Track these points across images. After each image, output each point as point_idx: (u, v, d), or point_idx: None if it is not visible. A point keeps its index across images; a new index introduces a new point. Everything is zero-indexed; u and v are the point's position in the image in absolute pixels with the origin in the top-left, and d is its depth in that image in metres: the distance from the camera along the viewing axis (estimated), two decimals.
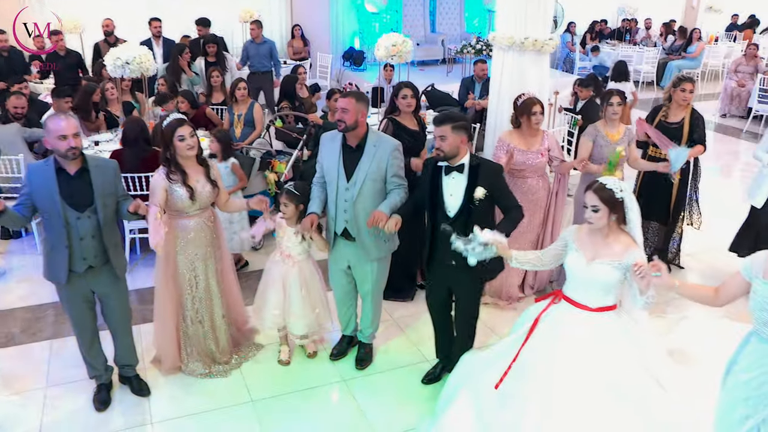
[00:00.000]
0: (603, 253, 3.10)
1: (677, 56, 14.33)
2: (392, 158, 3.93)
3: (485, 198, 3.63)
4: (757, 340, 2.74)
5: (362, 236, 4.00)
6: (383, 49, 7.14)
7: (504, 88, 6.38)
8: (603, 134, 5.10)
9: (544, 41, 6.17)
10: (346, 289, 4.30)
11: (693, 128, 5.40)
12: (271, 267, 4.29)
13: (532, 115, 4.83)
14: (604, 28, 15.45)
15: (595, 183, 3.10)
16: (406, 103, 5.13)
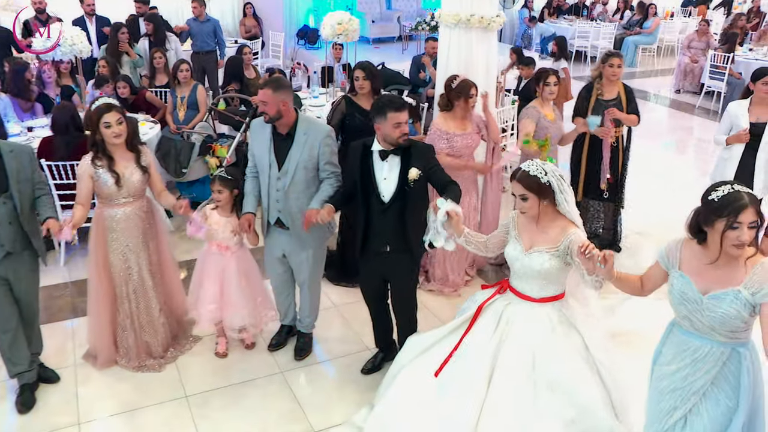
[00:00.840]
0: (540, 240, 3.03)
1: (633, 32, 14.36)
2: (324, 145, 3.81)
3: (419, 179, 3.54)
4: (678, 331, 2.69)
5: (296, 225, 3.89)
6: (329, 28, 6.96)
7: (451, 66, 6.24)
8: (543, 114, 5.09)
9: (491, 18, 6.03)
10: (283, 278, 4.19)
11: (629, 101, 5.45)
12: (206, 260, 4.14)
13: (470, 98, 4.73)
14: (563, 4, 15.41)
15: (518, 171, 3.01)
16: (359, 85, 5.04)
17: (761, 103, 5.01)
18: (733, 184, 2.46)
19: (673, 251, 2.67)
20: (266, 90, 3.67)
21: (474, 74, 6.20)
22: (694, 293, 2.55)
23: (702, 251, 2.57)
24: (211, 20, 9.32)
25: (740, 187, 2.44)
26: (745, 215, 2.38)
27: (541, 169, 2.96)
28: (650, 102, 11.78)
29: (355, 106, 4.99)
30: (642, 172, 7.99)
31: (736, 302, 2.46)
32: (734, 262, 2.49)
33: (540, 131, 5.03)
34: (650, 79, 13.56)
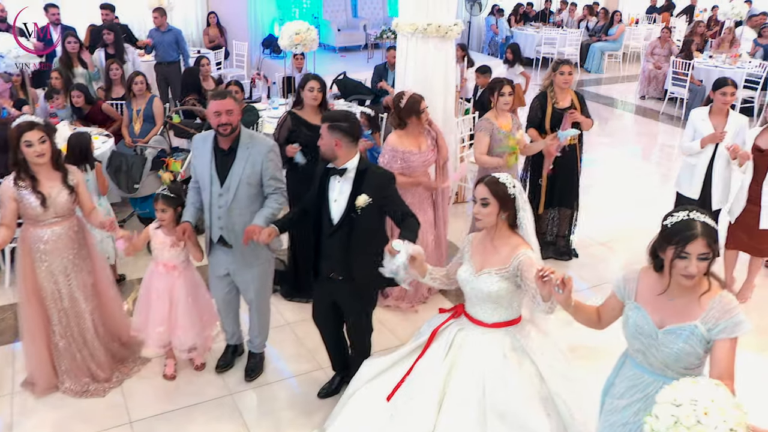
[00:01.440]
0: (491, 261, 2.92)
1: (599, 38, 14.47)
2: (267, 160, 3.69)
3: (370, 207, 3.39)
4: (631, 363, 2.57)
5: (240, 243, 3.75)
6: (286, 38, 6.85)
7: (409, 76, 6.19)
8: (497, 126, 4.99)
9: (449, 27, 5.98)
10: (227, 297, 4.06)
11: (582, 107, 5.43)
12: (152, 280, 3.99)
13: (422, 113, 4.59)
14: (530, 11, 15.48)
15: (487, 176, 2.92)
16: (313, 96, 4.89)
17: (719, 113, 5.02)
18: (692, 210, 2.31)
19: (630, 281, 2.55)
20: (230, 99, 3.57)
21: (432, 83, 6.16)
22: (650, 326, 2.42)
23: (658, 281, 2.44)
24: (172, 30, 9.15)
25: (698, 215, 2.29)
26: (693, 246, 2.24)
27: (511, 181, 2.88)
28: (617, 108, 11.86)
29: (301, 121, 4.82)
30: (607, 179, 8.01)
31: (692, 338, 2.34)
32: (690, 295, 2.36)
33: (494, 143, 4.96)
34: (616, 85, 13.66)
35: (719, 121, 5.00)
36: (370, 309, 3.78)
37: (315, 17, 13.56)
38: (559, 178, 5.53)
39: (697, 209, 2.33)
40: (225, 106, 3.51)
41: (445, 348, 3.03)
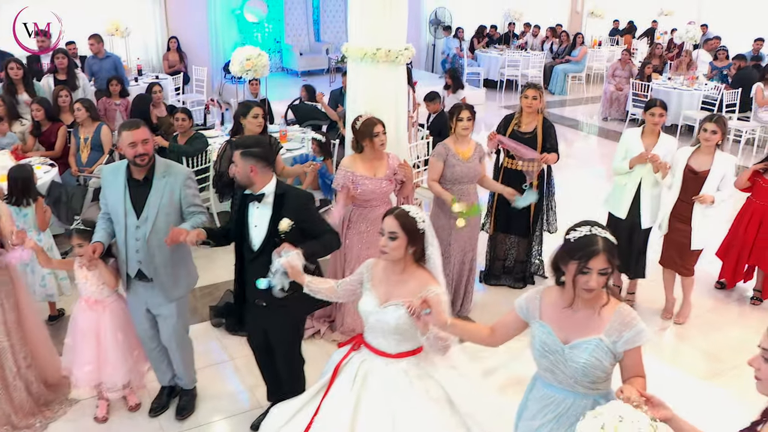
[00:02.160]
0: (396, 293, 2.84)
1: (562, 60, 14.63)
2: (185, 188, 3.61)
3: (293, 230, 3.32)
4: (541, 385, 2.57)
5: (159, 275, 3.65)
6: (237, 64, 6.77)
7: (359, 101, 6.14)
8: (453, 152, 4.89)
9: (398, 51, 5.94)
10: (150, 333, 3.91)
11: (546, 137, 5.32)
12: (78, 318, 3.83)
13: (375, 137, 4.50)
14: (494, 33, 15.61)
15: (396, 209, 2.85)
16: (257, 123, 4.81)
17: (650, 134, 5.03)
18: (594, 225, 2.36)
19: (532, 300, 2.56)
20: (145, 128, 3.52)
21: (383, 109, 6.08)
22: (556, 343, 2.45)
23: (561, 296, 2.48)
24: (111, 57, 8.94)
25: (599, 231, 2.34)
26: (595, 261, 2.29)
27: (421, 216, 2.82)
28: (581, 130, 11.94)
29: None
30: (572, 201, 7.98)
31: (598, 351, 2.38)
32: (590, 308, 2.42)
33: (448, 170, 4.87)
34: (580, 106, 13.79)
35: (651, 141, 5.01)
36: (297, 337, 3.70)
37: (277, 41, 13.55)
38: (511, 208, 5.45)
39: (598, 224, 2.38)
40: (140, 136, 3.44)
41: (350, 383, 2.94)
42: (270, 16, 13.50)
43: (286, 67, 14.17)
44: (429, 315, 2.50)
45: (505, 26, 15.94)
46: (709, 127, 4.78)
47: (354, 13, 5.98)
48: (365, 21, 5.86)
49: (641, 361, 2.39)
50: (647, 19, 17.22)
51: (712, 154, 4.83)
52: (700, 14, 17.89)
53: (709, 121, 4.82)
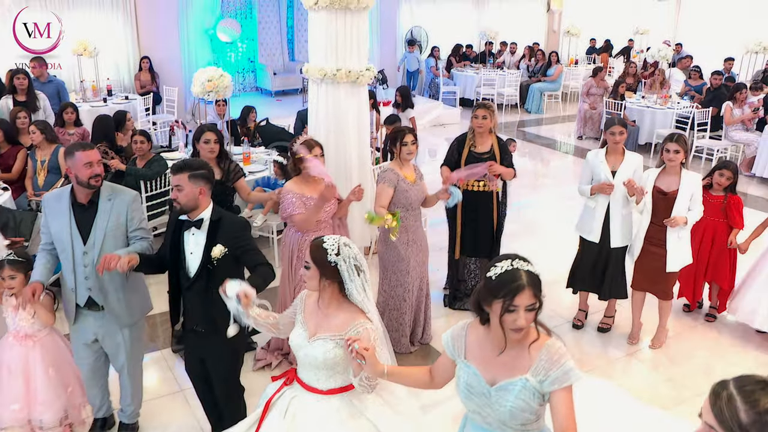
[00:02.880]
0: (326, 326, 2.72)
1: (538, 79, 14.67)
2: (132, 210, 3.54)
3: (226, 257, 3.25)
4: (471, 426, 2.44)
5: (110, 302, 3.56)
6: (198, 85, 6.67)
7: (321, 122, 6.07)
8: (402, 177, 4.76)
9: (359, 72, 5.91)
10: (94, 366, 3.78)
11: (503, 156, 5.27)
12: (4, 354, 3.67)
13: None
14: (470, 52, 15.65)
15: (317, 237, 2.74)
16: (209, 149, 4.71)
17: (614, 153, 4.98)
18: (515, 259, 2.21)
19: (458, 338, 2.43)
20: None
21: (345, 130, 6.04)
22: (481, 385, 2.31)
23: (486, 335, 2.33)
24: (54, 81, 8.74)
25: (521, 264, 2.20)
26: (521, 297, 2.15)
27: (336, 247, 2.67)
28: (557, 149, 11.92)
29: None
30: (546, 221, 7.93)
31: (524, 392, 2.24)
32: (519, 346, 2.27)
33: (399, 195, 4.75)
34: (556, 125, 13.80)
35: (615, 160, 4.96)
36: (236, 365, 3.60)
37: (251, 61, 13.50)
38: (473, 227, 5.38)
39: (519, 257, 2.24)
40: (95, 156, 3.41)
41: (280, 418, 2.81)
42: (243, 35, 13.45)
43: (260, 86, 14.10)
44: (364, 366, 2.34)
45: (481, 45, 15.98)
46: (672, 147, 4.73)
47: (314, 34, 5.94)
48: (325, 41, 5.82)
49: (571, 405, 2.22)
50: (624, 37, 17.37)
51: (678, 173, 4.77)
52: (676, 33, 18.11)
53: (671, 140, 4.76)
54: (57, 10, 11.39)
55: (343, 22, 5.73)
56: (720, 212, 5.32)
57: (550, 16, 17.68)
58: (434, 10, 15.65)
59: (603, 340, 5.27)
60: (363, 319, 2.67)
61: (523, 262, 2.21)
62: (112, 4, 12.05)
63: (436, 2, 15.69)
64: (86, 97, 10.51)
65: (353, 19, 5.76)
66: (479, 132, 5.24)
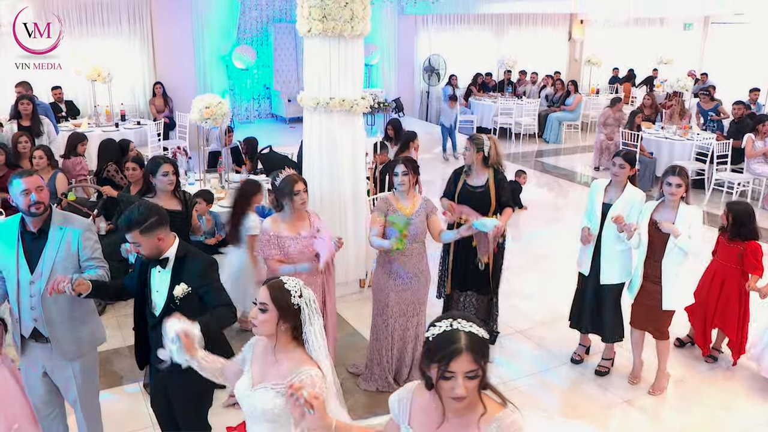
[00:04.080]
0: (270, 374, 2.55)
1: (557, 108, 14.48)
2: (84, 240, 3.45)
3: (190, 296, 3.15)
4: None
5: (57, 334, 3.45)
6: (196, 112, 6.64)
7: (314, 152, 5.99)
8: (395, 207, 4.62)
9: (353, 101, 5.82)
10: (46, 398, 3.66)
11: (499, 192, 5.07)
12: None
13: (295, 195, 4.27)
14: (489, 81, 15.54)
15: (273, 278, 2.59)
16: (168, 181, 4.62)
17: (615, 185, 4.81)
18: (457, 319, 1.98)
19: (403, 401, 2.21)
20: (36, 177, 3.38)
21: (339, 159, 5.95)
22: None
23: (431, 401, 2.10)
24: (40, 105, 8.63)
25: (462, 324, 1.96)
26: (458, 363, 1.91)
27: (299, 289, 2.52)
28: (575, 181, 11.67)
29: None
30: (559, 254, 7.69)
31: None
32: (465, 419, 2.04)
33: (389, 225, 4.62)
34: (575, 155, 13.57)
35: (615, 193, 4.79)
36: (202, 405, 3.49)
37: (266, 87, 13.55)
38: (465, 259, 5.20)
39: (464, 317, 2.00)
40: (35, 182, 3.32)
41: None
42: (259, 62, 13.52)
43: (275, 113, 14.15)
44: (311, 415, 2.13)
45: (500, 73, 15.88)
46: (674, 181, 4.53)
47: (308, 61, 5.89)
48: (319, 69, 5.76)
49: None
50: (648, 67, 17.12)
51: (676, 208, 4.56)
52: (702, 63, 17.82)
53: (672, 174, 4.55)
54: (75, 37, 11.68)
55: (336, 49, 5.68)
56: (735, 258, 5.06)
57: (571, 44, 17.56)
58: (453, 37, 15.64)
59: (601, 383, 5.01)
60: (310, 366, 2.49)
61: (466, 323, 1.97)
62: (129, 31, 12.28)
63: (455, 30, 15.68)
64: (99, 122, 10.60)
65: (347, 47, 5.70)
66: (475, 165, 5.09)
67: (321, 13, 5.48)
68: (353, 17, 5.56)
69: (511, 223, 9.05)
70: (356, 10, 5.54)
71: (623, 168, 4.72)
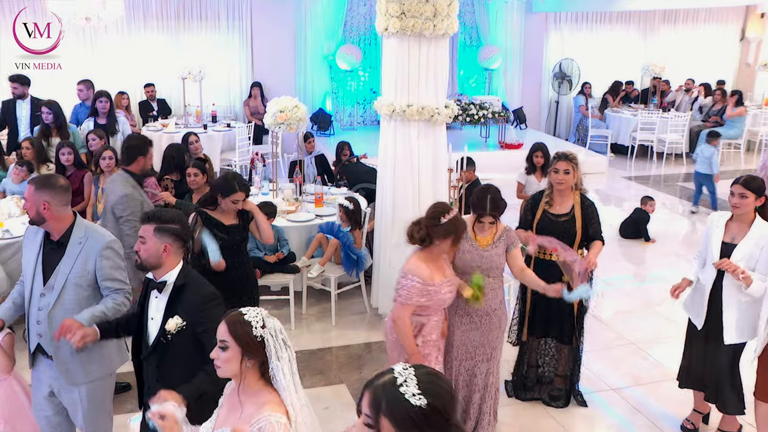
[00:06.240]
0: (231, 419, 2.53)
1: (712, 123, 13.60)
2: (103, 258, 3.55)
3: (185, 333, 3.13)
4: None
5: (61, 355, 3.58)
6: (270, 116, 6.85)
7: (388, 165, 5.98)
8: (469, 236, 4.46)
9: (434, 109, 5.77)
10: (54, 421, 3.81)
11: (587, 221, 4.80)
12: None
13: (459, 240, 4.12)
14: (630, 90, 14.90)
15: (232, 311, 2.56)
16: (235, 207, 4.76)
17: (739, 219, 4.39)
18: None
19: None
20: (29, 186, 3.54)
21: (417, 174, 5.90)
22: None
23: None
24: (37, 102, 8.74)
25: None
26: None
27: (260, 319, 2.50)
28: (723, 210, 10.88)
29: (213, 222, 4.71)
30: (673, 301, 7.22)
31: None
32: None
33: (458, 256, 4.45)
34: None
35: (740, 230, 4.37)
36: None
37: (373, 92, 13.74)
38: (546, 304, 4.92)
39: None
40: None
41: None
42: (365, 63, 13.74)
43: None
44: None
45: (644, 81, 15.15)
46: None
47: (385, 64, 5.90)
48: (395, 73, 5.76)
49: None
50: None
51: None
52: None
53: None
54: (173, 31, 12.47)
55: (417, 51, 5.65)
56: None
57: (744, 45, 16.46)
58: (590, 38, 15.15)
59: None
60: (272, 410, 2.44)
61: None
62: (228, 26, 12.93)
63: (592, 30, 15.20)
64: (188, 123, 11.15)
65: (429, 48, 5.66)
66: (558, 189, 4.84)
67: (399, 9, 5.47)
68: (436, 14, 5.50)
69: (636, 260, 8.66)
70: (440, 6, 5.47)
71: (745, 198, 4.31)
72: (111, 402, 3.90)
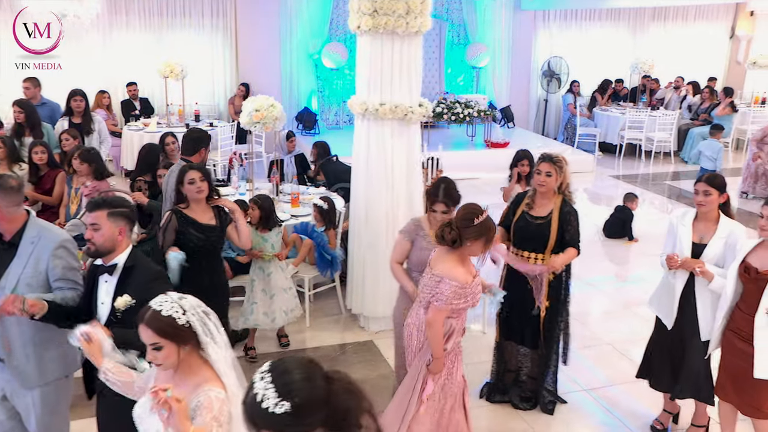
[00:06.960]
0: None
1: (701, 121, 13.61)
2: (54, 258, 3.51)
3: (133, 310, 3.10)
4: None
5: (15, 358, 3.54)
6: (245, 115, 6.79)
7: (361, 164, 5.95)
8: (425, 233, 4.46)
9: (408, 108, 5.73)
10: (6, 426, 3.77)
11: (563, 226, 4.74)
12: None
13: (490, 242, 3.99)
14: (620, 88, 14.90)
15: (148, 310, 2.59)
16: (195, 189, 4.68)
17: (704, 217, 4.38)
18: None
19: None
20: None
21: (391, 173, 5.87)
22: None
23: None
24: (47, 103, 8.86)
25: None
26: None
27: (178, 307, 2.57)
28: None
29: (189, 221, 4.66)
30: None
31: None
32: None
33: (415, 252, 4.48)
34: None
35: (706, 228, 4.37)
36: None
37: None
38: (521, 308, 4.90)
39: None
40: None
41: None
42: (351, 62, 13.70)
43: None
44: (165, 416, 2.26)
45: (632, 79, 15.14)
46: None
47: (359, 62, 5.87)
48: (369, 71, 5.74)
49: None
50: None
51: None
52: None
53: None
54: (156, 29, 12.44)
55: (390, 49, 5.61)
56: None
57: (734, 43, 16.48)
58: (579, 36, 15.18)
59: None
60: (211, 386, 2.53)
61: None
62: (212, 25, 12.91)
63: (581, 27, 15.21)
64: (170, 122, 11.12)
65: (402, 46, 5.62)
66: (541, 192, 4.79)
67: (371, 7, 5.43)
68: (409, 12, 5.46)
69: (618, 260, 8.65)
70: (412, 3, 5.43)
71: (709, 195, 4.29)
72: (68, 407, 3.85)
